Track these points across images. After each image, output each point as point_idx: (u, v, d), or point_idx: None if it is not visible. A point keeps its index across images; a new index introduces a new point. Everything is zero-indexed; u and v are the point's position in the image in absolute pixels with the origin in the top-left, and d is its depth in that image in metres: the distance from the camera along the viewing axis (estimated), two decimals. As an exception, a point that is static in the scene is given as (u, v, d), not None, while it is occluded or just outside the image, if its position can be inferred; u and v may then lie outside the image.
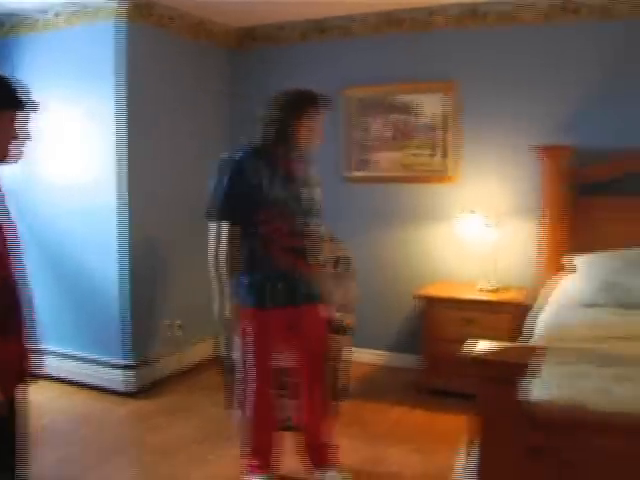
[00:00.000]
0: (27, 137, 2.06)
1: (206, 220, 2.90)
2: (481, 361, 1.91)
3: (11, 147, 2.02)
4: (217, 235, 2.85)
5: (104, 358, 4.40)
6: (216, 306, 2.91)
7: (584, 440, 1.97)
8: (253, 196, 2.81)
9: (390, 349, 4.86)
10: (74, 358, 4.51)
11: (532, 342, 2.91)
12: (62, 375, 4.45)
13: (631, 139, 4.00)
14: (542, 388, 2.09)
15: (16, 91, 2.00)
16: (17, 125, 2.01)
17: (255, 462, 3.08)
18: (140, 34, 4.32)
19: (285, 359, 3.10)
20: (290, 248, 2.89)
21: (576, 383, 2.12)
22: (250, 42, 5.20)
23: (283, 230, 2.86)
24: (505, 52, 4.40)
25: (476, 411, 1.99)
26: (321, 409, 3.17)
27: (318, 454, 3.18)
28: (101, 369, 4.41)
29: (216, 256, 2.86)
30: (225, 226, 2.83)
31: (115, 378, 4.36)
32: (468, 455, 2.14)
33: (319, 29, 4.93)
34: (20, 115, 2.02)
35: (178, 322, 4.71)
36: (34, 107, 2.05)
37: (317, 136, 2.92)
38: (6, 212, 2.09)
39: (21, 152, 2.06)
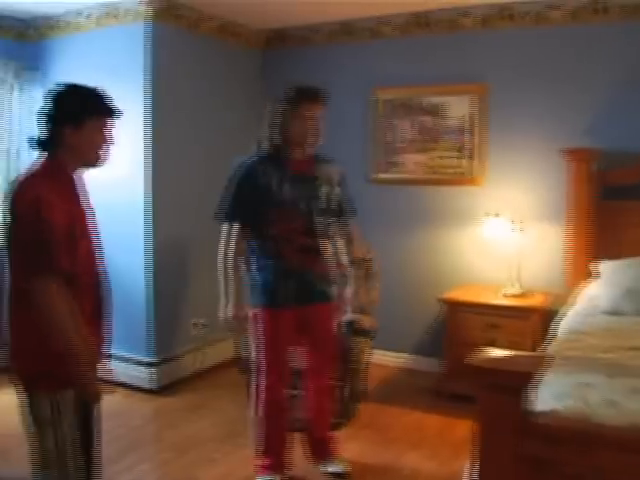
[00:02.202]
0: (112, 142, 2.26)
1: (216, 221, 2.96)
2: (481, 369, 1.89)
3: (100, 152, 2.22)
4: (227, 236, 2.90)
5: (128, 355, 4.45)
6: (221, 305, 2.95)
7: (589, 454, 1.93)
8: (262, 197, 2.85)
9: (413, 352, 4.83)
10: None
11: (542, 350, 2.86)
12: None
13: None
14: (547, 398, 2.06)
15: (104, 100, 2.20)
16: (105, 131, 2.21)
17: (267, 462, 3.10)
18: (168, 35, 4.39)
19: (298, 359, 3.12)
20: (302, 247, 2.91)
21: (583, 394, 2.08)
22: (278, 43, 5.22)
23: (295, 229, 2.90)
24: (533, 53, 4.33)
25: (476, 418, 1.97)
26: (327, 407, 3.20)
27: (320, 448, 3.24)
28: (125, 365, 4.43)
29: (225, 256, 2.90)
30: (235, 227, 2.88)
31: (139, 375, 4.43)
32: (473, 463, 2.12)
33: (348, 31, 4.92)
34: (108, 122, 2.22)
35: (202, 321, 4.74)
36: (118, 114, 2.26)
37: (319, 131, 2.90)
38: (90, 208, 2.27)
39: (108, 156, 2.27)
